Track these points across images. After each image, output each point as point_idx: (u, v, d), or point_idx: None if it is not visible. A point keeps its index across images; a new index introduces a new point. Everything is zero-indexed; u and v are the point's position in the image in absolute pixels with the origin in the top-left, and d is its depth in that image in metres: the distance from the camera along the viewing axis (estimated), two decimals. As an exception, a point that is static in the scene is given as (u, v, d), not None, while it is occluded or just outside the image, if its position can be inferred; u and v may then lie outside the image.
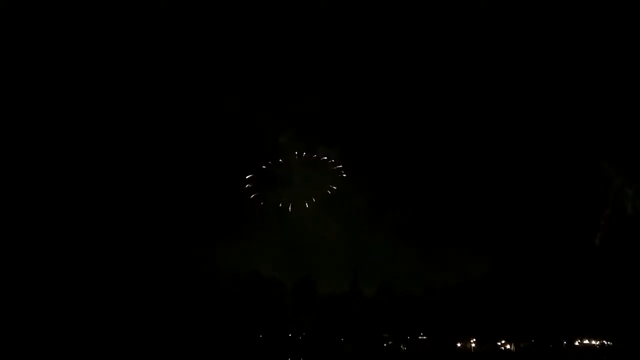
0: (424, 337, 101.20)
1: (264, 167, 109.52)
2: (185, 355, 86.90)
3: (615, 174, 79.50)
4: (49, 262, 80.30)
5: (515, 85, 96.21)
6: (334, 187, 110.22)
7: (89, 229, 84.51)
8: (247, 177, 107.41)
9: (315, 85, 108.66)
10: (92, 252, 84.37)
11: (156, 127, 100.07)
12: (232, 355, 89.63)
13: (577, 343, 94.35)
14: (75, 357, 75.29)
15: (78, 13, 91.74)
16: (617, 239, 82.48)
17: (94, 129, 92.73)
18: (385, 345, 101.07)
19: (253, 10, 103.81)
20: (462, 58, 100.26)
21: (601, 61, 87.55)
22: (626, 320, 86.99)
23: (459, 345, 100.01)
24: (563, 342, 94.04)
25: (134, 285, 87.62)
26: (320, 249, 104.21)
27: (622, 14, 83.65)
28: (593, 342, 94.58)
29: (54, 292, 78.84)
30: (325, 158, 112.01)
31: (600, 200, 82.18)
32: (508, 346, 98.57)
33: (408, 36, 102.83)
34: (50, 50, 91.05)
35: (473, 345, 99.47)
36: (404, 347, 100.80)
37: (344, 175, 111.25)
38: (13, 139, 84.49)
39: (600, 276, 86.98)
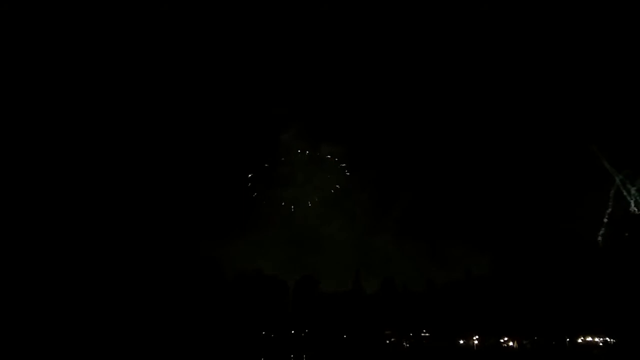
0: (426, 334, 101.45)
1: (266, 165, 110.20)
2: (189, 351, 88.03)
3: (617, 173, 79.24)
4: (53, 262, 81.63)
5: (519, 83, 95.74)
6: (337, 186, 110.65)
7: (96, 230, 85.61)
8: (249, 175, 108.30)
9: (317, 83, 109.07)
10: (99, 252, 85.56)
11: (159, 127, 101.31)
12: (236, 352, 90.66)
13: (580, 340, 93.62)
14: (84, 354, 76.56)
15: (78, 14, 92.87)
16: (620, 237, 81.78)
17: (99, 129, 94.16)
18: (387, 342, 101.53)
19: (255, 8, 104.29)
20: (464, 57, 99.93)
21: (603, 64, 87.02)
22: (629, 317, 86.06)
23: (461, 342, 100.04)
24: (566, 340, 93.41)
25: (141, 283, 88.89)
26: (323, 247, 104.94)
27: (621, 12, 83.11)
28: (596, 339, 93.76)
29: (59, 291, 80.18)
30: (329, 156, 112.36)
31: (603, 199, 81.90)
32: (511, 343, 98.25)
33: (409, 35, 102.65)
34: (54, 51, 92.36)
35: (475, 342, 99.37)
36: (406, 343, 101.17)
37: (348, 173, 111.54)
38: (18, 138, 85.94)
39: (603, 274, 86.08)
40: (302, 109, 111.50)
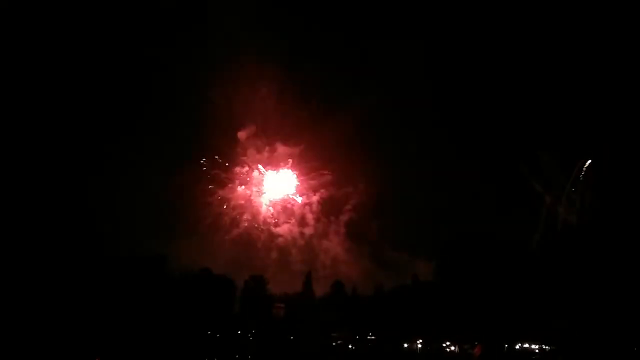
0: (372, 337, 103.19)
1: (223, 163, 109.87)
2: (132, 350, 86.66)
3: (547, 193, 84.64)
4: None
5: (465, 93, 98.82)
6: (290, 187, 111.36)
7: (28, 226, 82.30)
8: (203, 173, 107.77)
9: (274, 81, 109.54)
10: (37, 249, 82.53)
11: (110, 123, 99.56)
12: (180, 352, 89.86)
13: (517, 347, 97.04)
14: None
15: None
16: (554, 246, 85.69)
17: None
18: (334, 344, 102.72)
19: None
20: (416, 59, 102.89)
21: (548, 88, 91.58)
22: (565, 325, 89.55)
23: (405, 345, 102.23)
24: (505, 345, 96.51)
25: (82, 281, 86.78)
26: (274, 248, 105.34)
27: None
28: (533, 346, 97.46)
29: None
30: (285, 157, 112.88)
31: (536, 212, 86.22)
32: (453, 348, 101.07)
33: (366, 32, 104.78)
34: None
35: (419, 345, 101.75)
36: (352, 346, 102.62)
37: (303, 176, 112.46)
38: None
39: (541, 284, 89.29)
40: (258, 107, 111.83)
